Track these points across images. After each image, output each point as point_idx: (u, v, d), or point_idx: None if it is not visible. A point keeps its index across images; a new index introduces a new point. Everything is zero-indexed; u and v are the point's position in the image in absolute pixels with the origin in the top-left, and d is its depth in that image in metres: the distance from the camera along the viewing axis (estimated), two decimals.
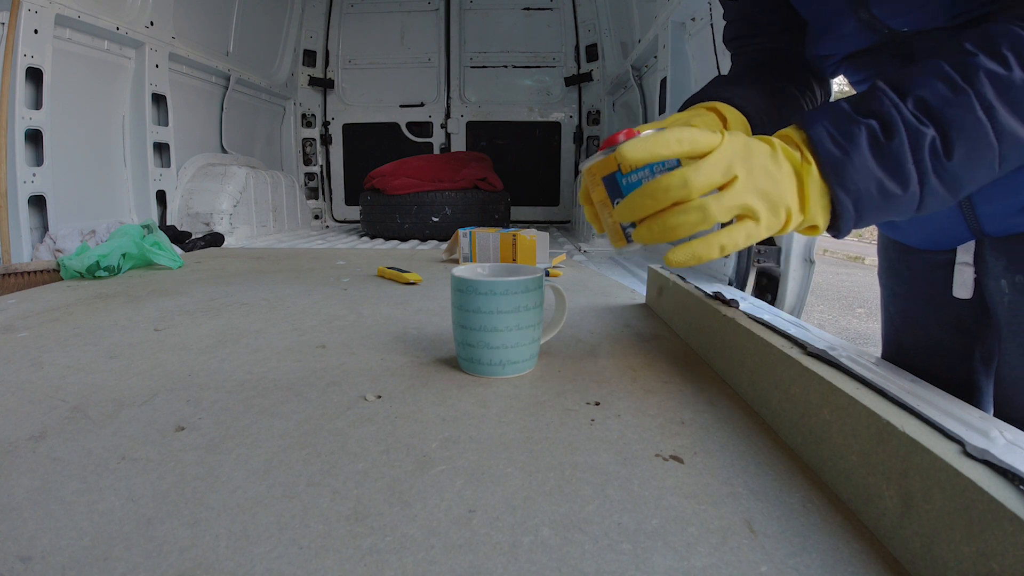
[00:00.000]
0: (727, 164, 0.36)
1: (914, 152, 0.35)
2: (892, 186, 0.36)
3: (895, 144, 0.35)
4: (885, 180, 0.36)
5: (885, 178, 0.36)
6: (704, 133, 0.37)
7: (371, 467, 0.35)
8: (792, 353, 0.42)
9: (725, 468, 0.35)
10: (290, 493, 0.32)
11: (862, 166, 0.36)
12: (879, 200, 0.36)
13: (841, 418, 0.33)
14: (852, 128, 0.36)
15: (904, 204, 0.37)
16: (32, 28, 1.47)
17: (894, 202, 0.36)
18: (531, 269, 0.54)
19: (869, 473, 0.30)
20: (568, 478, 0.33)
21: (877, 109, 0.36)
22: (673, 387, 0.49)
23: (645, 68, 2.24)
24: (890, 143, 0.35)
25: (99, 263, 1.11)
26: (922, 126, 0.35)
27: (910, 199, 0.36)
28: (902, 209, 0.37)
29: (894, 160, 0.35)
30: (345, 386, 0.48)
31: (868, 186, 0.36)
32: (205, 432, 0.40)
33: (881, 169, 0.35)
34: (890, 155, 0.35)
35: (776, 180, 0.36)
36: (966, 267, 0.55)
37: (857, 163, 0.36)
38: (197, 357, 0.57)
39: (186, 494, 0.32)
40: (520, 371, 0.51)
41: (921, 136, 0.35)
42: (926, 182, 0.36)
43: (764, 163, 0.36)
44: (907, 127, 0.35)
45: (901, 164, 0.35)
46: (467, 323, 0.49)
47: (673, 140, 0.36)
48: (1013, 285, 0.51)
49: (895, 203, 0.36)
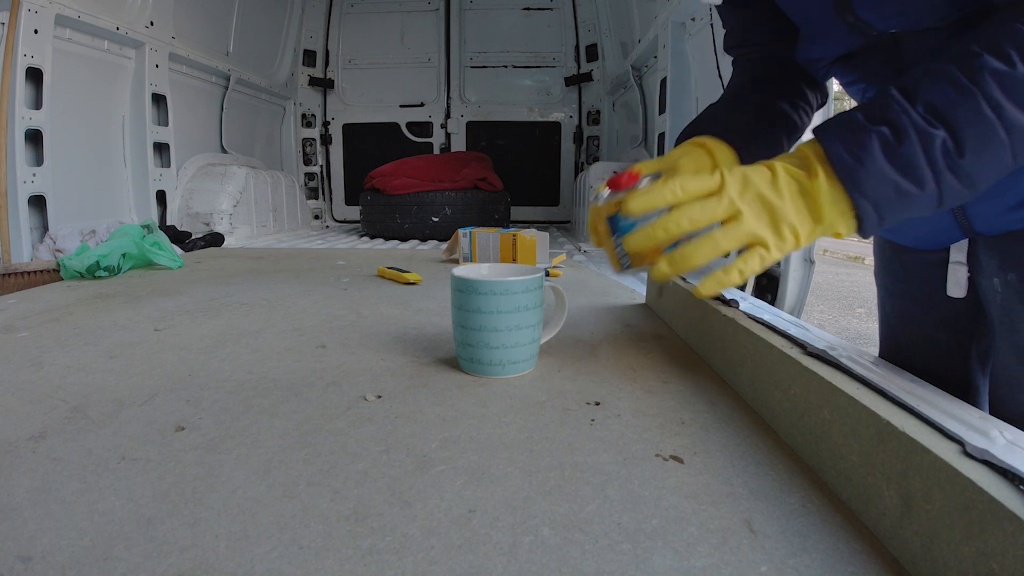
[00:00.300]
0: (728, 201, 0.40)
1: (926, 153, 0.37)
2: (909, 187, 0.38)
3: (906, 147, 0.37)
4: (901, 182, 0.38)
5: (901, 180, 0.38)
6: (699, 180, 0.40)
7: (371, 467, 0.35)
8: (792, 353, 0.42)
9: (725, 468, 0.35)
10: (290, 493, 0.32)
11: (876, 171, 0.38)
12: (898, 201, 0.38)
13: (841, 418, 0.33)
14: (864, 136, 0.38)
15: (924, 202, 0.38)
16: (32, 28, 1.47)
17: (913, 201, 0.38)
18: (531, 269, 0.54)
19: (869, 473, 0.30)
20: (568, 478, 0.33)
21: (887, 116, 0.38)
22: (673, 387, 0.49)
23: (645, 68, 2.24)
24: (901, 147, 0.37)
25: (99, 263, 1.11)
26: (932, 128, 0.37)
27: (928, 197, 0.38)
28: (923, 207, 0.39)
29: (907, 162, 0.37)
30: (345, 386, 0.48)
31: (885, 189, 0.38)
32: (205, 432, 0.40)
33: (896, 172, 0.37)
34: (903, 158, 0.37)
35: (776, 206, 0.40)
36: (960, 266, 0.55)
37: (871, 169, 0.38)
38: (197, 357, 0.57)
39: (186, 494, 0.32)
40: (520, 371, 0.51)
41: (932, 138, 0.37)
42: (942, 180, 0.37)
43: (763, 193, 0.40)
44: (917, 130, 0.37)
45: (915, 166, 0.37)
46: (467, 323, 0.49)
47: (669, 193, 0.41)
48: (1006, 284, 0.51)
49: (914, 202, 0.38)
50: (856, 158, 0.38)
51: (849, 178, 0.38)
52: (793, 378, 0.40)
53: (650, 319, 0.73)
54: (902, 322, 0.65)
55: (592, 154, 3.10)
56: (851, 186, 0.38)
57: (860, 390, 0.33)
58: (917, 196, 0.38)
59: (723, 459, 0.36)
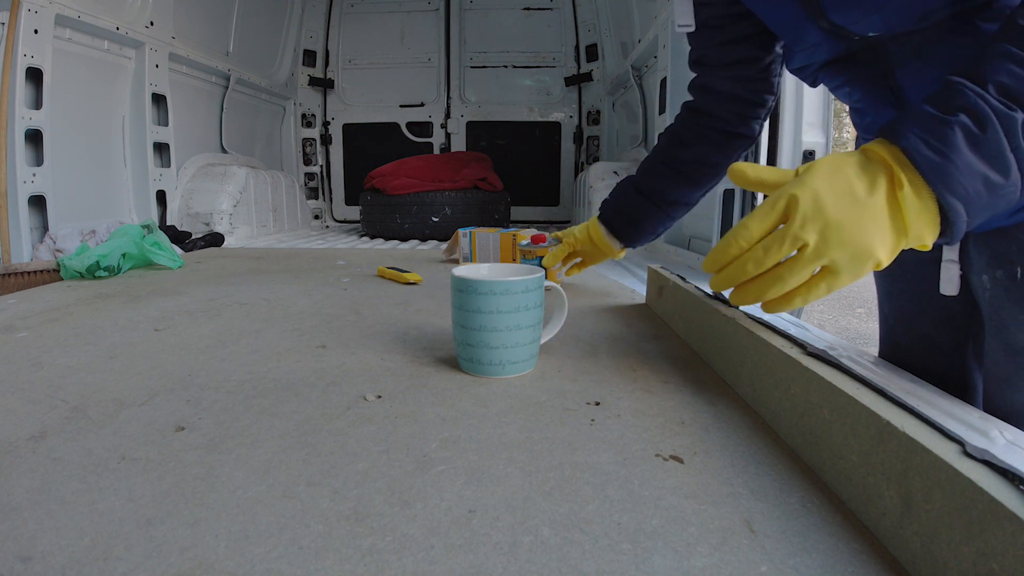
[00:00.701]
0: (792, 237, 0.37)
1: (1010, 138, 0.34)
2: (996, 177, 0.35)
3: (990, 134, 0.34)
4: (990, 173, 0.35)
5: (989, 171, 0.35)
6: (763, 217, 0.38)
7: (371, 467, 0.35)
8: (792, 353, 0.42)
9: (725, 468, 0.35)
10: (290, 493, 0.32)
11: (966, 166, 0.34)
12: (987, 196, 0.35)
13: (841, 418, 0.33)
14: (945, 129, 0.35)
15: (1008, 193, 0.36)
16: (32, 28, 1.47)
17: (999, 193, 0.35)
18: (531, 269, 0.54)
19: (869, 473, 0.30)
20: (568, 478, 0.33)
21: (963, 103, 0.35)
22: (673, 387, 0.49)
23: (645, 68, 2.24)
24: (985, 134, 0.34)
25: (99, 263, 1.11)
26: (1010, 111, 0.34)
27: (1012, 187, 0.35)
28: (1007, 199, 0.36)
29: (994, 150, 0.34)
30: (345, 386, 0.48)
31: (975, 184, 0.35)
32: (205, 432, 0.40)
33: (984, 163, 0.35)
34: (989, 146, 0.34)
35: (851, 231, 0.36)
36: (952, 264, 0.55)
37: (960, 164, 0.34)
38: (197, 357, 0.57)
39: (186, 494, 0.32)
40: (520, 371, 0.51)
41: (1012, 120, 0.34)
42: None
43: (835, 218, 0.36)
44: (997, 114, 0.34)
45: (1001, 153, 0.34)
46: (467, 323, 0.49)
47: (734, 246, 0.39)
48: (994, 280, 0.51)
49: (1001, 194, 0.35)
50: (942, 155, 0.34)
51: (939, 178, 0.35)
52: (793, 378, 0.40)
53: (650, 319, 0.73)
54: (900, 321, 0.65)
55: (592, 154, 3.10)
56: (941, 186, 0.35)
57: (860, 390, 0.33)
58: (1003, 187, 0.35)
59: (723, 459, 0.36)
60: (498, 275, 0.53)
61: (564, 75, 3.09)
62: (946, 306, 0.59)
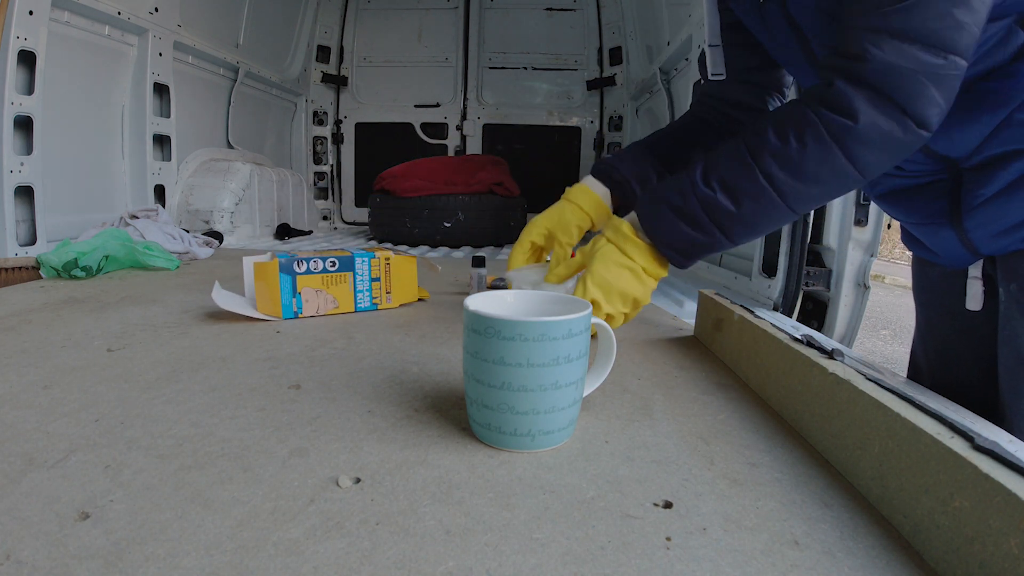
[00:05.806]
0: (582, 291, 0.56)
1: (709, 212, 0.52)
2: (697, 235, 0.53)
3: (690, 208, 0.53)
4: (690, 231, 0.53)
5: (689, 230, 0.53)
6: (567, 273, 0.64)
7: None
8: (953, 445, 0.29)
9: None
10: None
11: (669, 227, 0.54)
12: (691, 246, 0.54)
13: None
14: (657, 207, 0.55)
15: (716, 243, 0.54)
16: (27, 9, 1.38)
17: (703, 244, 0.54)
18: (575, 301, 0.40)
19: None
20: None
21: (678, 188, 0.54)
22: (765, 472, 0.35)
23: (675, 71, 2.11)
24: (686, 207, 0.53)
25: (77, 261, 1.01)
26: (713, 193, 0.52)
27: (720, 240, 0.53)
28: (716, 246, 0.54)
29: (691, 218, 0.53)
30: (314, 457, 0.35)
31: (678, 237, 0.54)
32: (111, 527, 0.28)
33: (685, 225, 0.53)
34: (688, 216, 0.53)
35: (613, 283, 0.56)
36: (976, 281, 0.61)
37: (664, 226, 0.54)
38: (140, 395, 0.45)
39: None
40: (555, 442, 0.37)
41: (712, 199, 0.52)
42: (726, 227, 0.52)
43: (607, 277, 0.56)
44: (698, 196, 0.52)
45: (698, 220, 0.53)
46: (485, 377, 0.35)
47: (563, 271, 0.64)
48: (1008, 293, 0.56)
49: (705, 244, 0.54)
50: (652, 220, 0.55)
51: (649, 234, 0.55)
52: (959, 485, 0.27)
53: (706, 360, 0.60)
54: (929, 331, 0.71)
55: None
56: (655, 239, 0.55)
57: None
58: (705, 240, 0.53)
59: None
60: (530, 308, 0.39)
61: (586, 78, 2.97)
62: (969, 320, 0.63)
